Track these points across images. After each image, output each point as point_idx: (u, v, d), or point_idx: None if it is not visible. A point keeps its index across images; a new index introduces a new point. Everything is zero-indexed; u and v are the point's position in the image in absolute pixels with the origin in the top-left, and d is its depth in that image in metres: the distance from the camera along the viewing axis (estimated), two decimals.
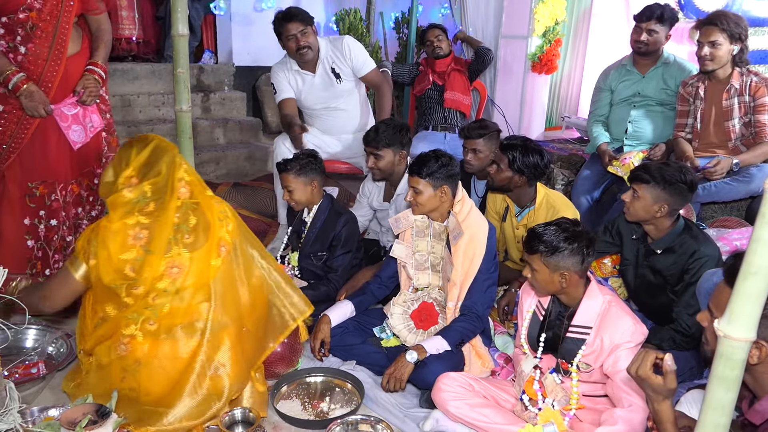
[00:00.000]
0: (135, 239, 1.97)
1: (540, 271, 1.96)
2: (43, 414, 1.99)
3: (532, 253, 1.96)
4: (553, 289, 1.99)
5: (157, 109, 4.98)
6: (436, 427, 2.10)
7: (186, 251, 1.99)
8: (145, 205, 2.02)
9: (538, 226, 2.00)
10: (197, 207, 2.06)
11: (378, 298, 2.71)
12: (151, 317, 1.97)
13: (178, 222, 2.01)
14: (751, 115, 3.09)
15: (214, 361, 2.00)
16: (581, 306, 1.98)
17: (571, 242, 1.92)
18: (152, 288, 1.98)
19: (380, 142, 2.98)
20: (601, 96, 3.74)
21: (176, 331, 1.98)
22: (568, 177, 4.03)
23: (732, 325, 1.10)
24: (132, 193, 2.02)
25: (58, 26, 2.59)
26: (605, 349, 1.92)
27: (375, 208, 3.32)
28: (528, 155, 2.69)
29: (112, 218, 2.00)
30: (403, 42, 5.73)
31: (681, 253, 2.36)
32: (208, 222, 2.06)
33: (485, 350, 2.47)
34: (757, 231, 1.04)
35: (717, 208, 3.35)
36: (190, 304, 2.00)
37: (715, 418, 1.17)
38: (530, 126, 5.08)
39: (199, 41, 5.74)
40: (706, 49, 3.07)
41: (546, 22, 4.74)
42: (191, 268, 2.00)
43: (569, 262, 1.93)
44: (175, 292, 1.98)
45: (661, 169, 2.32)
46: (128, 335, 1.96)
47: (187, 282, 1.99)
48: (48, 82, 2.62)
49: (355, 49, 3.61)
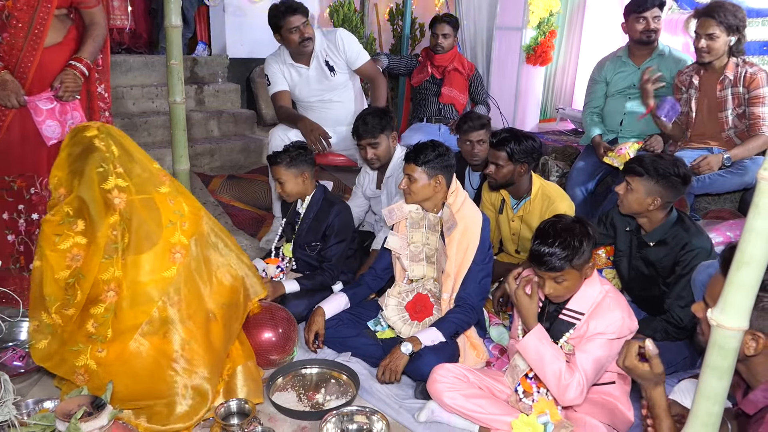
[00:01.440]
0: (72, 260, 1.92)
1: (570, 279, 1.94)
2: (39, 406, 2.00)
3: (557, 271, 1.91)
4: (573, 292, 1.99)
5: (150, 102, 4.96)
6: (431, 418, 2.12)
7: (120, 272, 1.91)
8: (73, 224, 1.93)
9: (543, 247, 1.91)
10: (134, 215, 1.94)
11: (373, 289, 2.72)
12: (99, 345, 1.92)
13: (114, 239, 1.92)
14: (745, 106, 3.10)
15: (176, 354, 1.97)
16: (578, 292, 2.00)
17: (578, 256, 1.89)
18: (88, 313, 1.92)
19: (375, 131, 2.99)
20: (595, 88, 3.74)
21: (129, 346, 1.93)
22: (563, 169, 4.04)
23: (725, 314, 1.11)
24: (55, 216, 1.94)
25: (35, 16, 2.51)
26: (588, 334, 1.94)
27: (369, 196, 3.33)
28: (522, 142, 2.71)
29: (46, 245, 1.92)
30: (398, 33, 5.72)
31: (673, 245, 2.37)
32: (149, 229, 1.96)
33: (480, 341, 2.48)
34: (750, 221, 1.05)
35: (711, 200, 3.36)
36: (138, 319, 1.94)
37: (708, 407, 1.18)
38: (525, 118, 5.08)
39: (192, 33, 5.70)
40: (703, 41, 3.06)
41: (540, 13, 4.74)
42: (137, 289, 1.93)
43: (583, 260, 1.92)
44: (114, 316, 1.92)
45: (655, 162, 2.32)
46: (81, 366, 1.92)
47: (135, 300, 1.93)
48: (23, 72, 2.53)
49: (348, 42, 3.60)
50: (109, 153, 1.95)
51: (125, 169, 1.97)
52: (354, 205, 3.30)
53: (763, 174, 1.01)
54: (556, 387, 1.90)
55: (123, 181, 1.95)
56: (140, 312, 1.94)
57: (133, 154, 2.03)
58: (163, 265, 1.97)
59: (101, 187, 1.91)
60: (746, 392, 1.42)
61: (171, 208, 2.02)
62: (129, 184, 1.96)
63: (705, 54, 3.09)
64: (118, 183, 1.93)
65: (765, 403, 1.35)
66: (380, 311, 2.58)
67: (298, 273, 2.92)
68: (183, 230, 2.02)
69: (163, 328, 1.96)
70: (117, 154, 1.97)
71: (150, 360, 1.95)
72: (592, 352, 1.91)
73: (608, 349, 1.91)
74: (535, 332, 1.94)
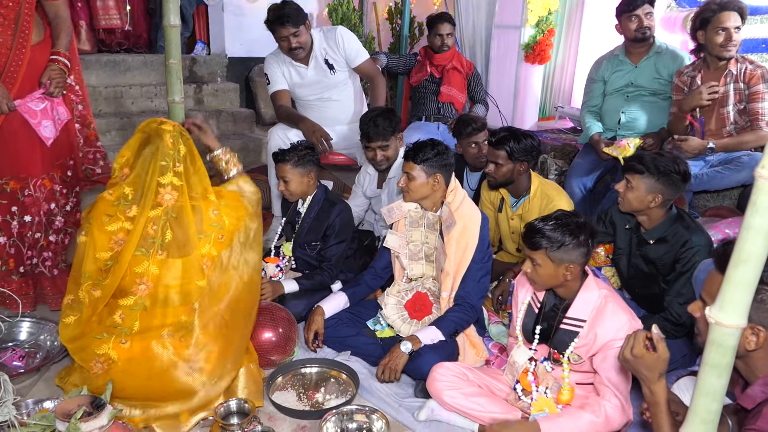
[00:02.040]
0: (116, 244, 1.94)
1: (544, 265, 1.94)
2: (38, 406, 1.99)
3: (536, 248, 1.93)
4: (555, 283, 1.98)
5: (149, 101, 4.95)
6: (431, 416, 2.12)
7: (155, 268, 1.94)
8: (127, 208, 1.96)
9: (537, 222, 1.96)
10: (179, 217, 1.97)
11: (372, 288, 2.72)
12: (123, 337, 1.94)
13: (153, 234, 1.94)
14: (745, 102, 3.10)
15: (193, 361, 1.98)
16: (577, 298, 1.98)
17: (576, 235, 1.90)
18: (117, 305, 1.94)
19: (387, 133, 3.00)
20: (593, 86, 3.74)
21: (152, 344, 1.95)
22: (562, 167, 4.04)
23: (723, 312, 1.11)
24: (112, 195, 1.97)
25: (21, 13, 2.50)
26: (597, 344, 1.92)
27: (369, 196, 3.33)
28: (521, 141, 2.71)
29: (96, 222, 1.95)
30: (396, 32, 5.71)
31: (673, 243, 2.37)
32: (187, 238, 1.98)
33: (479, 340, 2.48)
34: (748, 219, 1.05)
35: (709, 197, 3.36)
36: (166, 320, 1.96)
37: (706, 404, 1.18)
38: (523, 116, 5.08)
39: (191, 32, 5.69)
40: (733, 34, 3.03)
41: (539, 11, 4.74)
42: (168, 295, 1.95)
43: (574, 255, 1.91)
44: (143, 310, 1.94)
45: (655, 159, 2.33)
46: (102, 354, 1.93)
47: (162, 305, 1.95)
48: (13, 72, 2.52)
49: (348, 40, 3.59)
50: (174, 150, 1.99)
51: (185, 169, 2.01)
52: (354, 204, 3.30)
53: (761, 172, 1.01)
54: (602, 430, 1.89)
55: (179, 180, 1.98)
56: (169, 313, 1.96)
57: (196, 159, 2.07)
58: (195, 274, 1.98)
59: (158, 179, 1.95)
60: (745, 388, 1.43)
61: (211, 219, 2.04)
62: (184, 184, 1.99)
63: (733, 47, 3.07)
64: (174, 181, 1.97)
65: (763, 397, 1.35)
66: (379, 310, 2.58)
67: (298, 272, 2.92)
68: (218, 242, 2.04)
69: (181, 332, 1.98)
70: (182, 153, 2.01)
71: (168, 362, 1.96)
72: (613, 362, 1.88)
73: None
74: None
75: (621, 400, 1.89)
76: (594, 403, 1.92)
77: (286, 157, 2.77)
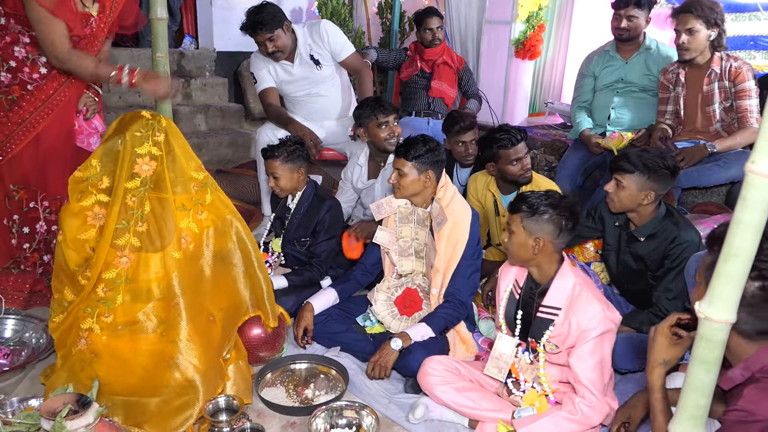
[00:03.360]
0: (94, 219, 1.92)
1: (517, 233, 1.97)
2: (23, 404, 1.97)
3: (514, 212, 1.98)
4: (525, 255, 1.98)
5: (137, 95, 4.91)
6: (427, 415, 2.11)
7: (136, 240, 1.91)
8: (98, 181, 1.93)
9: (526, 191, 2.01)
10: (155, 188, 1.93)
11: (362, 284, 2.71)
12: (106, 310, 1.92)
13: (132, 206, 1.91)
14: (731, 100, 3.11)
15: (178, 356, 1.96)
16: (552, 286, 1.99)
17: (553, 208, 1.93)
18: (99, 278, 1.92)
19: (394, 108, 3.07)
20: (584, 82, 3.75)
21: (136, 325, 1.93)
22: (552, 163, 4.05)
23: (712, 307, 1.11)
24: (82, 171, 1.94)
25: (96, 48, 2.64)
26: (572, 333, 1.92)
27: (360, 188, 3.31)
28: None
29: (71, 200, 1.94)
30: (387, 27, 5.69)
31: (662, 239, 2.37)
32: (167, 210, 1.95)
33: (469, 335, 2.48)
34: (738, 214, 1.05)
35: (698, 193, 3.38)
36: (149, 297, 1.94)
37: (696, 399, 1.18)
38: (514, 112, 5.09)
39: (178, 26, 5.65)
40: (683, 36, 3.07)
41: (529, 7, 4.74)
42: (147, 260, 1.92)
43: (546, 229, 1.93)
44: (126, 282, 1.91)
45: (642, 156, 2.32)
46: (86, 329, 1.92)
47: (142, 274, 1.92)
48: (60, 97, 2.62)
49: (332, 33, 3.56)
50: (154, 120, 1.95)
51: (166, 140, 1.96)
52: (342, 200, 3.28)
53: (750, 167, 1.01)
54: (582, 429, 1.90)
55: (158, 150, 1.93)
56: (153, 307, 1.93)
57: (180, 138, 2.04)
58: (172, 248, 1.95)
59: (134, 149, 1.90)
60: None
61: (191, 194, 2.00)
62: (163, 154, 1.94)
63: (685, 51, 3.10)
64: (152, 150, 1.92)
65: (741, 379, 1.38)
66: (369, 306, 2.57)
67: (287, 268, 2.90)
68: (197, 219, 2.00)
69: (163, 326, 1.95)
70: (164, 124, 1.97)
71: (149, 352, 1.94)
72: (589, 360, 1.89)
73: (601, 348, 1.90)
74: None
75: (597, 397, 1.88)
76: (569, 401, 1.93)
77: (276, 153, 2.75)
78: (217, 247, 2.09)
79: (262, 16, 3.33)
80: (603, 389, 1.91)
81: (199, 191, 2.05)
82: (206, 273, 2.06)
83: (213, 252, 2.08)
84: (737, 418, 1.33)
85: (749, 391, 1.35)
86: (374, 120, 3.04)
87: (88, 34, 2.53)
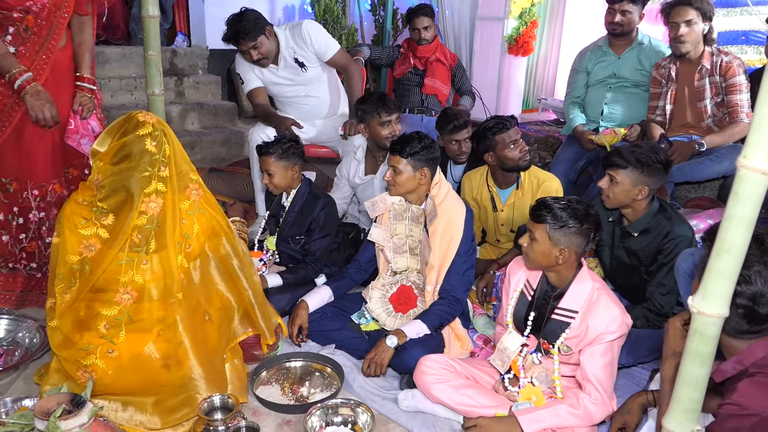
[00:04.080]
0: (86, 249, 1.91)
1: (540, 241, 1.93)
2: (17, 405, 1.96)
3: (539, 221, 1.92)
4: (546, 263, 1.96)
5: (129, 94, 4.89)
6: (414, 405, 2.12)
7: (140, 277, 1.91)
8: (103, 216, 1.93)
9: (549, 198, 1.96)
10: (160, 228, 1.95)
11: (356, 282, 2.71)
12: (110, 346, 1.90)
13: (138, 243, 1.91)
14: (723, 95, 3.12)
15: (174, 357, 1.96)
16: (570, 289, 1.98)
17: (582, 222, 1.90)
18: (100, 316, 1.90)
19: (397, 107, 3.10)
20: (577, 78, 3.75)
21: (140, 358, 1.92)
22: (545, 159, 4.06)
23: (705, 301, 1.12)
24: (90, 191, 1.96)
25: (52, 31, 2.52)
26: (588, 336, 1.92)
27: (356, 183, 3.29)
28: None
29: (74, 219, 1.93)
30: (380, 24, 5.69)
31: (656, 234, 2.38)
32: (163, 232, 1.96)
33: (464, 332, 2.49)
34: (730, 209, 1.05)
35: (690, 188, 3.39)
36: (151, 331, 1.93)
37: (689, 393, 1.19)
38: (507, 108, 5.09)
39: (171, 24, 5.62)
40: (683, 28, 3.07)
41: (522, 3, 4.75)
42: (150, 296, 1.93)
43: (573, 241, 1.91)
44: (128, 321, 1.90)
45: (634, 152, 2.33)
46: (90, 365, 1.90)
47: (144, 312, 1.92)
48: (37, 73, 2.52)
49: (315, 34, 3.50)
50: (159, 153, 1.95)
51: (170, 172, 1.97)
52: (337, 197, 3.28)
53: (742, 161, 1.02)
54: (583, 424, 1.90)
55: (163, 186, 1.95)
56: (153, 307, 1.93)
57: (178, 156, 2.04)
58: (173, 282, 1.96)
59: (144, 191, 1.92)
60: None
61: (181, 229, 2.01)
62: (168, 190, 1.96)
63: (682, 44, 3.10)
64: (158, 187, 1.94)
65: (733, 372, 1.40)
66: (364, 304, 2.57)
67: (281, 266, 2.90)
68: (186, 252, 2.02)
69: (160, 326, 1.95)
70: (168, 153, 1.98)
71: (157, 363, 1.94)
72: (600, 359, 1.90)
73: (611, 351, 1.91)
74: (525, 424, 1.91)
75: (603, 396, 1.89)
76: (572, 396, 1.94)
77: (270, 150, 2.75)
78: (204, 273, 2.10)
79: (244, 25, 3.29)
80: (610, 391, 1.92)
81: (187, 223, 2.05)
82: (200, 286, 2.08)
83: (201, 276, 2.09)
84: (730, 412, 1.35)
85: (742, 385, 1.36)
86: (377, 117, 3.04)
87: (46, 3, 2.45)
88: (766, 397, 1.33)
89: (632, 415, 1.89)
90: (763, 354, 1.38)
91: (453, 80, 4.44)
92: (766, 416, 1.31)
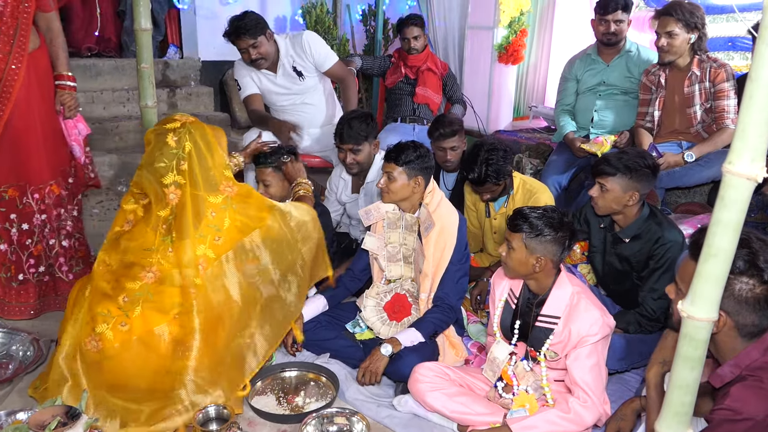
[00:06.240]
0: (126, 223, 2.09)
1: (517, 250, 1.97)
2: (11, 418, 1.95)
3: (515, 231, 1.97)
4: (524, 271, 2.00)
5: (122, 106, 4.88)
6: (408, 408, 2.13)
7: (166, 263, 2.01)
8: (142, 197, 2.13)
9: (526, 207, 2.01)
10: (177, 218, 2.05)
11: (351, 291, 2.71)
12: (123, 320, 1.95)
13: (164, 233, 2.03)
14: (711, 101, 3.16)
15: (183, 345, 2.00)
16: (551, 296, 2.01)
17: (556, 230, 1.94)
18: (122, 287, 1.98)
19: (359, 138, 2.95)
20: (566, 85, 3.79)
21: (150, 338, 1.96)
22: (537, 166, 4.08)
23: (695, 306, 1.13)
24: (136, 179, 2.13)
25: (19, 27, 2.50)
26: (572, 340, 1.95)
27: (344, 201, 3.31)
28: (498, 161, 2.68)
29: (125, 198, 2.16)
30: (371, 34, 5.72)
31: (647, 240, 2.40)
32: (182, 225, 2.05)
33: (458, 340, 2.49)
34: (717, 214, 1.07)
35: (681, 193, 3.42)
36: (167, 313, 1.99)
37: (680, 397, 1.20)
38: (498, 116, 5.12)
39: (163, 36, 5.62)
40: (663, 39, 3.11)
41: (511, 12, 4.78)
42: (172, 280, 2.01)
43: (548, 249, 1.94)
44: (148, 298, 1.97)
45: (622, 158, 2.35)
46: (99, 333, 1.95)
47: (165, 294, 1.99)
48: (11, 78, 2.50)
49: (315, 45, 3.55)
50: (179, 149, 2.06)
51: (189, 166, 2.07)
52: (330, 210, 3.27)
53: (727, 167, 1.04)
54: (575, 428, 1.92)
55: (182, 178, 2.05)
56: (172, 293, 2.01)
57: (209, 155, 2.12)
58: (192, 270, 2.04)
59: (160, 181, 2.03)
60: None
61: (209, 221, 2.08)
62: (186, 182, 2.06)
63: (665, 53, 3.14)
64: (177, 179, 2.05)
65: (731, 377, 1.40)
66: (358, 313, 2.57)
67: None
68: (214, 245, 2.07)
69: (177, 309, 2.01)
70: (187, 150, 2.07)
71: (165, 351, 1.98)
72: (586, 362, 1.92)
73: (596, 353, 1.94)
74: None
75: (592, 398, 1.91)
76: (562, 401, 1.95)
77: (268, 160, 2.75)
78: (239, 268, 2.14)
79: (245, 22, 3.35)
80: (600, 392, 1.94)
81: (217, 216, 2.10)
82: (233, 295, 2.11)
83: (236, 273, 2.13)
84: (724, 417, 1.35)
85: (736, 389, 1.36)
86: (336, 142, 3.03)
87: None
88: (760, 401, 1.33)
89: (626, 421, 1.90)
90: (758, 355, 1.38)
91: (444, 89, 4.47)
92: (760, 420, 1.31)
